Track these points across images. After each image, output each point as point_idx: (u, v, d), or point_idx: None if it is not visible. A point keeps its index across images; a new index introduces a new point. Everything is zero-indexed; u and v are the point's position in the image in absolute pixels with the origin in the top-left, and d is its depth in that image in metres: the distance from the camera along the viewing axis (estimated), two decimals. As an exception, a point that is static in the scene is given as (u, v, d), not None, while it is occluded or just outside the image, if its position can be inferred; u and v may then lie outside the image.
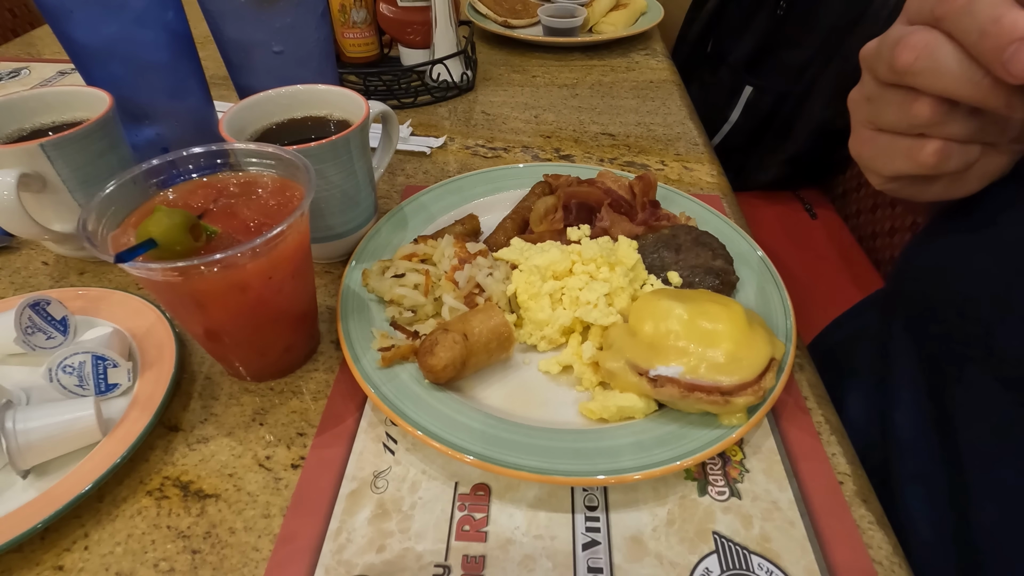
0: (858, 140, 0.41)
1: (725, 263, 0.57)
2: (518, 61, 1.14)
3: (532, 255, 0.56)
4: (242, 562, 0.40)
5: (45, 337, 0.51)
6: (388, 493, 0.44)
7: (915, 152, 0.36)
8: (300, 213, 0.42)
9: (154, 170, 0.46)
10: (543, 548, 0.41)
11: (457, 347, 0.47)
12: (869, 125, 0.39)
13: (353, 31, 0.97)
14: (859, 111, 0.40)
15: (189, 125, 0.68)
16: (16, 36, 1.31)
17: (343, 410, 0.50)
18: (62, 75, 1.05)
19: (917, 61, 0.32)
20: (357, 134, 0.55)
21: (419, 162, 0.83)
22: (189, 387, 0.51)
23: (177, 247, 0.40)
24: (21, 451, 0.41)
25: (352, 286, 0.57)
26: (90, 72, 0.61)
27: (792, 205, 1.39)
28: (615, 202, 0.64)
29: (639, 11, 1.25)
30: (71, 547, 0.41)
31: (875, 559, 0.40)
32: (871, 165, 0.40)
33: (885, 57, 0.34)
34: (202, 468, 0.46)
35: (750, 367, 0.44)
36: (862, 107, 0.39)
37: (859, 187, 1.29)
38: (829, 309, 0.77)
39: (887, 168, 0.39)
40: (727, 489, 0.44)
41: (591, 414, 0.47)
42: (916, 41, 0.32)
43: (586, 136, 0.89)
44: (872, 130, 0.39)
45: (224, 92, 0.89)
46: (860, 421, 0.55)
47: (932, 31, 0.32)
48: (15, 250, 0.67)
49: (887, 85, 0.36)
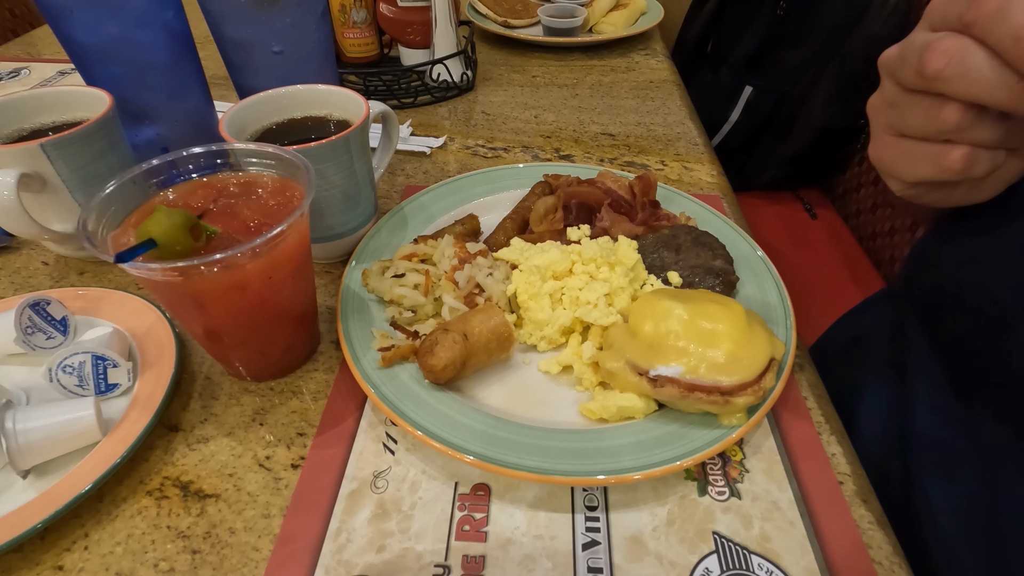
0: (879, 145, 0.40)
1: (725, 263, 0.57)
2: (518, 61, 1.14)
3: (532, 255, 0.56)
4: (242, 562, 0.40)
5: (45, 337, 0.51)
6: (388, 493, 0.44)
7: (941, 158, 0.36)
8: (300, 213, 0.42)
9: (154, 170, 0.46)
10: (543, 548, 0.41)
11: (457, 347, 0.47)
12: (891, 131, 0.38)
13: (353, 31, 0.97)
14: (880, 116, 0.39)
15: (189, 125, 0.68)
16: (16, 36, 1.31)
17: (343, 410, 0.50)
18: (62, 75, 1.05)
19: (948, 67, 0.32)
20: (357, 134, 0.55)
21: (419, 162, 0.83)
22: (189, 387, 0.51)
23: (177, 247, 0.40)
24: (21, 451, 0.41)
25: (352, 286, 0.57)
26: (90, 72, 0.61)
27: (792, 205, 1.39)
28: (615, 202, 0.64)
29: (639, 11, 1.25)
30: (71, 547, 0.41)
31: (875, 559, 0.40)
32: (893, 171, 0.40)
33: (912, 63, 0.34)
34: (202, 468, 0.46)
35: (750, 367, 0.44)
36: (883, 112, 0.39)
37: (859, 187, 1.29)
38: (829, 309, 0.77)
39: (910, 174, 0.38)
40: (727, 489, 0.44)
41: (591, 414, 0.47)
42: (947, 47, 0.32)
43: (586, 136, 0.89)
44: (894, 135, 0.38)
45: (224, 92, 0.89)
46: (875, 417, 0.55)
47: (961, 37, 0.32)
48: (15, 250, 0.67)
49: (911, 91, 0.35)
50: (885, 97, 0.38)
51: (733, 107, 1.41)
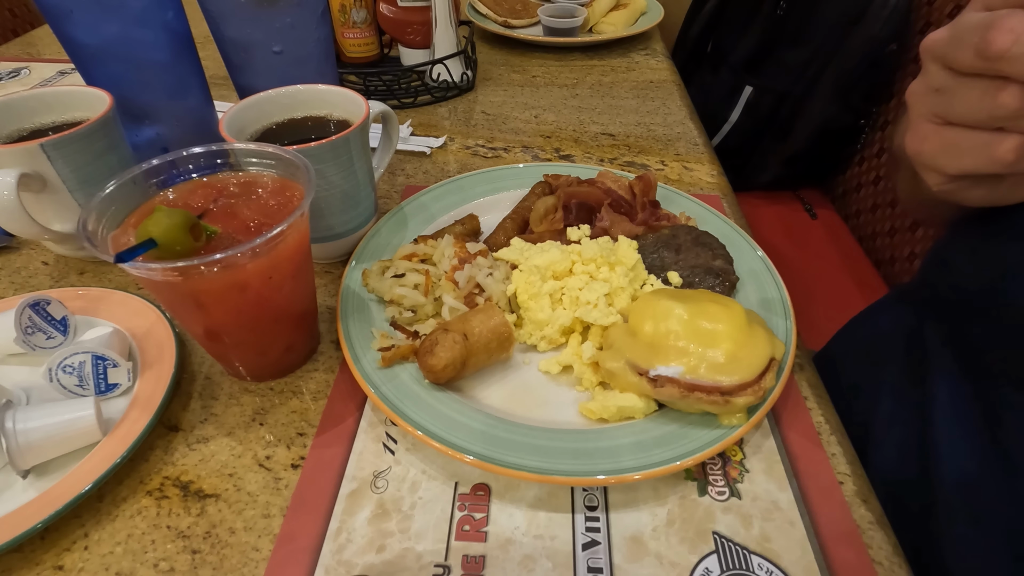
0: (919, 136, 0.38)
1: (725, 263, 0.57)
2: (518, 61, 1.14)
3: (532, 255, 0.56)
4: (242, 562, 0.40)
5: (45, 337, 0.51)
6: (388, 493, 0.44)
7: (992, 147, 0.34)
8: (300, 213, 0.42)
9: (154, 170, 0.46)
10: (543, 548, 0.41)
11: (457, 347, 0.47)
12: (936, 119, 0.36)
13: (353, 31, 0.97)
14: (922, 104, 0.37)
15: (189, 125, 0.68)
16: (16, 36, 1.31)
17: (343, 410, 0.50)
18: (62, 75, 1.05)
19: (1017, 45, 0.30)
20: (357, 134, 0.55)
21: (419, 162, 0.83)
22: (189, 387, 0.51)
23: (177, 247, 0.40)
24: (21, 451, 0.41)
25: (352, 286, 0.57)
26: (90, 72, 0.61)
27: (792, 205, 1.39)
28: (615, 202, 0.64)
29: (639, 11, 1.25)
30: (71, 547, 0.41)
31: (875, 559, 0.40)
32: (934, 163, 0.37)
33: (970, 43, 0.32)
34: (202, 468, 0.46)
35: (750, 367, 0.44)
36: (927, 100, 0.36)
37: (859, 187, 1.29)
38: (829, 309, 0.77)
39: (953, 165, 0.36)
40: (727, 489, 0.44)
41: (591, 414, 0.47)
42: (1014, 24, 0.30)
43: (586, 136, 0.89)
44: (939, 124, 0.36)
45: (224, 92, 0.89)
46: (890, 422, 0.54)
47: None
48: (15, 250, 0.67)
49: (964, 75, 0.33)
50: (930, 82, 0.36)
51: (733, 107, 1.41)
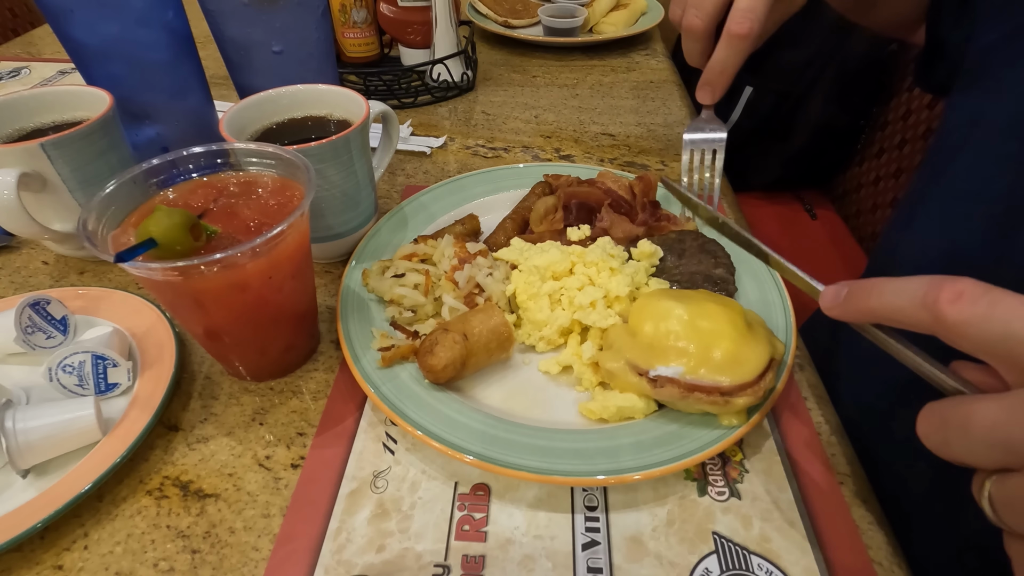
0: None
1: (726, 272, 0.56)
2: (518, 61, 1.14)
3: (532, 255, 0.56)
4: (242, 562, 0.40)
5: (45, 336, 0.51)
6: (388, 493, 0.44)
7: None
8: (300, 213, 0.42)
9: (154, 170, 0.46)
10: (543, 548, 0.41)
11: (457, 347, 0.47)
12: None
13: (353, 31, 0.97)
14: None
15: (189, 125, 0.68)
16: (16, 36, 1.31)
17: (343, 410, 0.50)
18: (62, 75, 1.05)
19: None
20: (357, 134, 0.55)
21: (419, 162, 0.83)
22: (189, 387, 0.51)
23: (177, 247, 0.40)
24: (21, 451, 0.41)
25: (352, 286, 0.57)
26: (90, 72, 0.61)
27: (792, 205, 1.39)
28: (615, 202, 0.64)
29: (639, 11, 1.25)
30: (71, 547, 0.41)
31: (875, 559, 0.40)
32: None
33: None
34: (202, 468, 0.46)
35: (750, 367, 0.44)
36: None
37: (859, 187, 1.29)
38: (829, 309, 0.77)
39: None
40: (727, 489, 0.44)
41: (591, 414, 0.47)
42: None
43: (586, 136, 0.89)
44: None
45: (224, 92, 0.88)
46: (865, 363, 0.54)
47: None
48: (15, 250, 0.67)
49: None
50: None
51: (733, 107, 1.41)
